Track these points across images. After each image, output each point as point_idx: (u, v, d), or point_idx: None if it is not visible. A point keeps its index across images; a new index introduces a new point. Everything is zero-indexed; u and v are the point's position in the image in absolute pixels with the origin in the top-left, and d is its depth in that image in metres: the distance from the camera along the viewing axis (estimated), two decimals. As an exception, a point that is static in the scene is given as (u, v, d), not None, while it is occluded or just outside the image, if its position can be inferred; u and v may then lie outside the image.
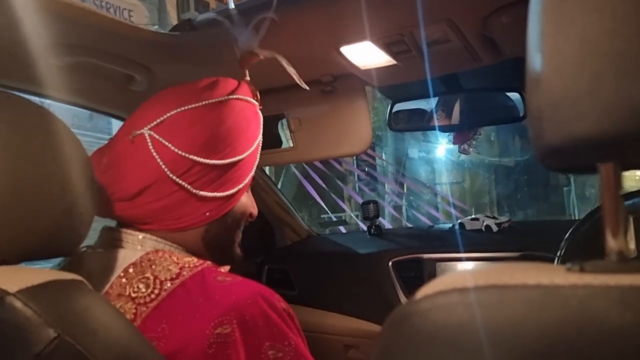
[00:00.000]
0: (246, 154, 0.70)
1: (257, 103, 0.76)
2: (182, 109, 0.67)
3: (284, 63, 0.79)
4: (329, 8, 0.75)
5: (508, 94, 1.12)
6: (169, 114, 0.67)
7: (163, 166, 0.65)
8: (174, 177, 0.65)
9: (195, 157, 0.66)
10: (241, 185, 0.71)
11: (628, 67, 0.24)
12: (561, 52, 0.26)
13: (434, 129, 1.20)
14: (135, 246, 0.65)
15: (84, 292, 0.49)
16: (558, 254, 0.97)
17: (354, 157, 5.82)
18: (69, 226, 0.55)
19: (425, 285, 0.30)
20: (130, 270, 0.62)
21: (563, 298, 0.24)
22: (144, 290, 0.59)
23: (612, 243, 0.27)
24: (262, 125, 0.76)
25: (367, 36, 0.83)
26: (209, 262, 0.64)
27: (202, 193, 0.67)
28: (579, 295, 0.24)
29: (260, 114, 0.77)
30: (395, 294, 1.28)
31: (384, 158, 7.17)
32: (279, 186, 1.64)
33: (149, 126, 0.66)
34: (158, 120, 0.66)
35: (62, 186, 0.54)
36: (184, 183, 0.66)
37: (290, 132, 1.20)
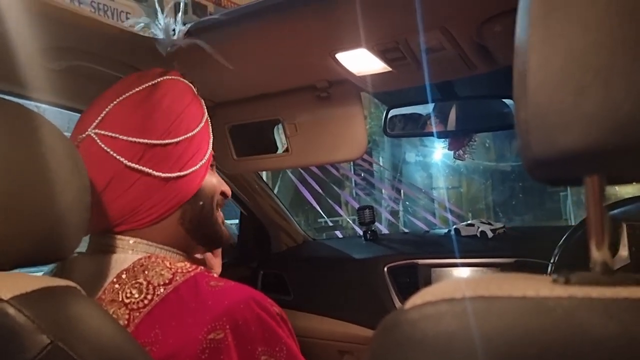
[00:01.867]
0: (195, 130, 0.70)
1: (191, 85, 0.76)
2: (119, 99, 0.68)
3: (207, 48, 0.80)
4: (324, 15, 0.76)
5: (504, 100, 1.13)
6: (107, 109, 0.67)
7: (118, 157, 0.65)
8: (133, 164, 0.65)
9: (145, 140, 0.66)
10: (202, 162, 0.71)
11: (613, 80, 0.25)
12: (547, 64, 0.27)
13: (430, 135, 1.21)
14: (127, 251, 0.65)
15: (78, 299, 0.49)
16: (552, 261, 0.97)
17: (351, 162, 5.83)
18: (63, 232, 0.55)
19: (415, 295, 0.30)
20: (123, 276, 0.62)
21: (548, 309, 0.25)
22: (137, 295, 0.59)
23: (596, 254, 0.27)
24: (204, 106, 0.76)
25: (362, 43, 0.83)
26: (202, 268, 0.64)
27: (164, 175, 0.67)
28: (564, 307, 0.24)
29: (199, 97, 0.77)
30: (390, 300, 1.29)
31: (380, 163, 7.17)
32: (275, 191, 1.64)
33: (92, 126, 0.67)
34: (99, 119, 0.67)
35: (56, 192, 0.54)
36: (144, 168, 0.66)
37: (286, 137, 1.20)
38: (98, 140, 0.66)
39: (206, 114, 0.76)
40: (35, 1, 0.63)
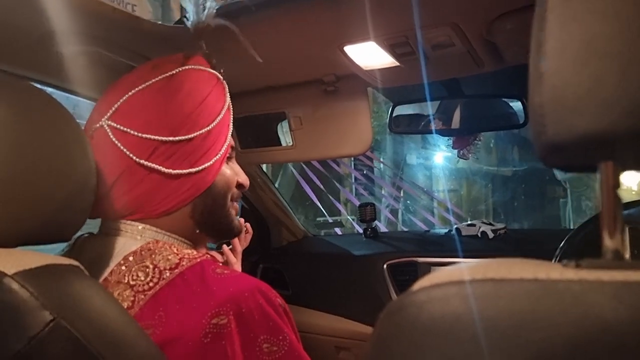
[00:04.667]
0: (212, 124, 0.68)
1: (214, 71, 0.73)
2: (133, 91, 0.66)
3: (236, 31, 0.76)
4: (334, 7, 0.76)
5: (508, 101, 1.13)
6: (121, 100, 0.66)
7: (128, 153, 0.64)
8: (142, 161, 0.64)
9: (157, 137, 0.64)
10: (216, 157, 0.69)
11: (629, 67, 0.25)
12: (564, 50, 0.27)
13: (434, 133, 1.21)
14: (135, 236, 0.65)
15: (80, 278, 0.49)
16: (553, 261, 0.97)
17: (352, 159, 5.83)
18: (68, 213, 0.55)
19: (422, 278, 0.30)
20: (131, 258, 0.62)
21: (559, 292, 0.25)
22: (142, 278, 0.59)
23: (608, 242, 0.27)
24: (227, 93, 0.73)
25: (372, 36, 0.83)
26: (208, 255, 0.64)
27: (175, 171, 0.65)
28: (574, 290, 0.24)
29: (224, 83, 0.74)
30: (389, 297, 1.29)
31: (382, 160, 7.18)
32: (276, 185, 1.64)
33: (105, 117, 0.66)
34: (113, 109, 0.66)
35: (63, 174, 0.54)
36: (153, 165, 0.65)
37: (291, 130, 1.20)
38: (110, 133, 0.65)
39: (227, 101, 0.73)
40: None
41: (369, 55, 0.91)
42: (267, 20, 0.81)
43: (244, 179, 0.76)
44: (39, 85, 0.87)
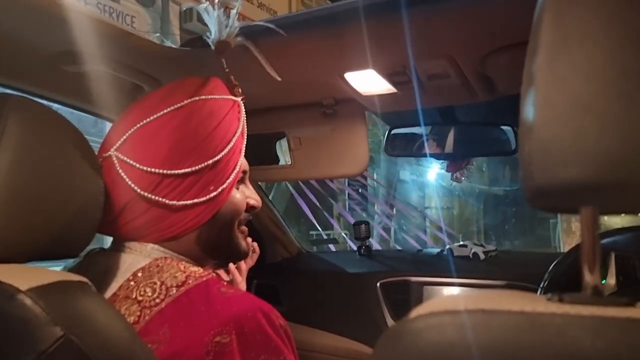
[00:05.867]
0: (221, 154, 0.68)
1: (229, 96, 0.72)
2: (141, 124, 0.66)
3: (256, 52, 0.77)
4: (337, 36, 0.79)
5: (501, 127, 1.17)
6: (130, 132, 0.67)
7: (132, 185, 0.65)
8: (146, 194, 0.65)
9: (161, 171, 0.65)
10: (224, 185, 0.68)
11: (609, 124, 0.28)
12: (551, 105, 0.30)
13: (428, 156, 1.24)
14: (145, 254, 0.67)
15: (89, 294, 0.50)
16: (541, 285, 1.00)
17: (346, 177, 5.85)
18: (76, 229, 0.57)
19: (419, 306, 0.33)
20: (139, 274, 0.63)
21: (543, 325, 0.27)
22: (150, 294, 0.60)
23: (588, 278, 0.30)
24: (242, 117, 0.73)
25: (371, 65, 0.86)
26: (214, 274, 0.66)
27: (179, 203, 0.66)
28: (557, 323, 0.27)
29: (240, 104, 0.74)
30: (382, 315, 1.30)
31: (375, 178, 7.22)
32: (269, 199, 1.66)
33: (114, 147, 0.67)
34: (121, 140, 0.67)
35: (73, 190, 0.56)
36: (157, 198, 0.65)
37: (290, 150, 1.23)
38: (117, 164, 0.66)
39: (242, 125, 0.72)
40: (52, 3, 0.64)
41: (367, 82, 0.94)
42: (275, 45, 0.84)
43: (255, 201, 0.76)
44: (46, 102, 0.90)
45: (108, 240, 0.73)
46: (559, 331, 0.27)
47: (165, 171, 0.65)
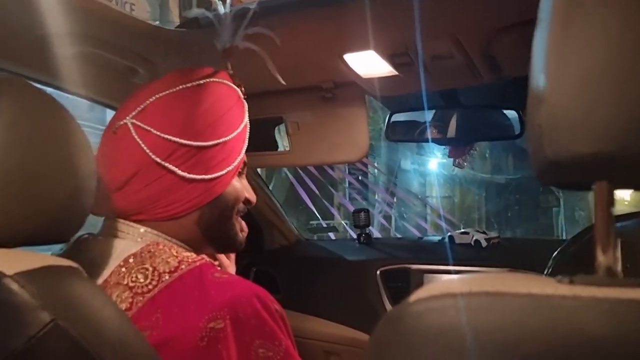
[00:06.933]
0: (230, 136, 0.70)
1: (237, 89, 0.76)
2: (161, 94, 0.69)
3: (264, 56, 0.80)
4: (336, 16, 0.77)
5: (505, 111, 1.14)
6: (149, 101, 0.68)
7: (148, 151, 0.66)
8: (160, 161, 0.66)
9: (177, 139, 0.66)
10: (229, 168, 0.71)
11: (624, 93, 0.26)
12: (563, 75, 0.28)
13: (430, 142, 1.22)
14: (136, 238, 0.66)
15: (79, 279, 0.49)
16: (545, 273, 0.98)
17: (346, 164, 5.85)
18: (67, 214, 0.56)
19: (420, 289, 0.31)
20: (131, 260, 0.62)
21: (552, 307, 0.26)
22: (142, 280, 0.60)
23: (601, 258, 0.28)
24: (246, 111, 0.77)
25: (372, 46, 0.84)
26: (207, 259, 0.65)
27: (189, 175, 0.67)
28: (568, 306, 0.25)
29: (244, 101, 0.77)
30: (381, 303, 1.29)
31: (376, 166, 7.20)
32: (270, 188, 1.65)
33: (130, 115, 0.68)
34: (139, 109, 0.68)
35: (65, 173, 0.55)
36: (170, 166, 0.66)
37: (288, 135, 1.21)
38: (132, 130, 0.67)
39: (246, 120, 0.76)
40: None
41: (368, 63, 0.92)
42: (270, 26, 0.82)
43: (251, 195, 0.78)
44: (39, 85, 0.88)
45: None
46: (570, 314, 0.25)
47: (180, 140, 0.67)
